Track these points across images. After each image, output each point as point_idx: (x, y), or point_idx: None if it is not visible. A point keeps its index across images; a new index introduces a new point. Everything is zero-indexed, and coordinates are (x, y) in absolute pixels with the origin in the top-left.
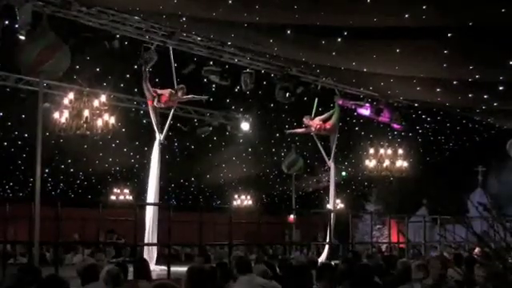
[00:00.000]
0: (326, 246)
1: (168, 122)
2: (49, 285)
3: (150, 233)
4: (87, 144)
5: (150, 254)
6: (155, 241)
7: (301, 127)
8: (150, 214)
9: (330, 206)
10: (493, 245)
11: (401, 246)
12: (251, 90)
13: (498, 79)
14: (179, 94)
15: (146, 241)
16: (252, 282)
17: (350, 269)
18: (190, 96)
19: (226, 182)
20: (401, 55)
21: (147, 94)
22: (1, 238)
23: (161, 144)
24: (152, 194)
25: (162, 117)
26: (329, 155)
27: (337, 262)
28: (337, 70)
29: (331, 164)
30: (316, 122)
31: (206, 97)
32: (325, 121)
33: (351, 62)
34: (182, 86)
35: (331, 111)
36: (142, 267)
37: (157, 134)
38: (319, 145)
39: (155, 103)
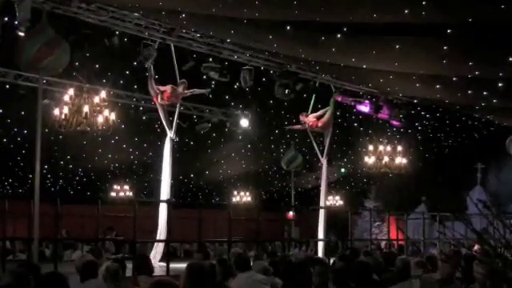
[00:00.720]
0: (322, 243)
1: (176, 119)
2: (48, 281)
3: (163, 230)
4: (86, 140)
5: (157, 251)
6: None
7: (298, 124)
8: (164, 211)
9: (321, 204)
10: (492, 242)
11: (400, 242)
12: (250, 86)
13: (498, 76)
14: (180, 88)
15: (157, 237)
16: (251, 279)
17: (347, 266)
18: (192, 90)
19: (225, 178)
20: (400, 52)
21: (151, 91)
22: (0, 235)
23: (172, 140)
24: (165, 190)
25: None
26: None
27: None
28: (336, 66)
29: (324, 161)
30: (310, 119)
31: (208, 89)
32: (319, 118)
33: (351, 59)
34: (182, 80)
35: (326, 108)
36: (143, 263)
37: (167, 131)
38: (313, 142)
39: (159, 100)
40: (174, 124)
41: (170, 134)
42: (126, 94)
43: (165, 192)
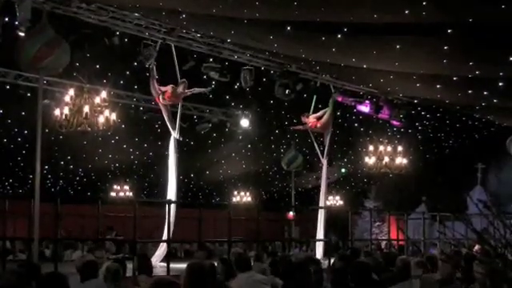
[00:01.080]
0: (322, 243)
1: (178, 118)
2: (48, 281)
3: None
4: (87, 141)
5: (162, 251)
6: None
7: (300, 124)
8: (172, 211)
9: (321, 203)
10: (492, 242)
11: (400, 243)
12: (251, 86)
13: (498, 75)
14: (180, 88)
15: (164, 237)
16: (251, 279)
17: (347, 266)
18: (192, 89)
19: (225, 178)
20: (401, 52)
21: (153, 92)
22: (0, 235)
23: (176, 140)
24: (172, 190)
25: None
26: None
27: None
28: (336, 66)
29: (324, 161)
30: (311, 120)
31: (209, 88)
32: (319, 118)
33: (351, 59)
34: (183, 80)
35: (326, 109)
36: (143, 263)
37: (171, 131)
38: (314, 142)
39: (161, 100)
40: (178, 124)
41: (174, 133)
42: (127, 94)
43: (172, 192)
